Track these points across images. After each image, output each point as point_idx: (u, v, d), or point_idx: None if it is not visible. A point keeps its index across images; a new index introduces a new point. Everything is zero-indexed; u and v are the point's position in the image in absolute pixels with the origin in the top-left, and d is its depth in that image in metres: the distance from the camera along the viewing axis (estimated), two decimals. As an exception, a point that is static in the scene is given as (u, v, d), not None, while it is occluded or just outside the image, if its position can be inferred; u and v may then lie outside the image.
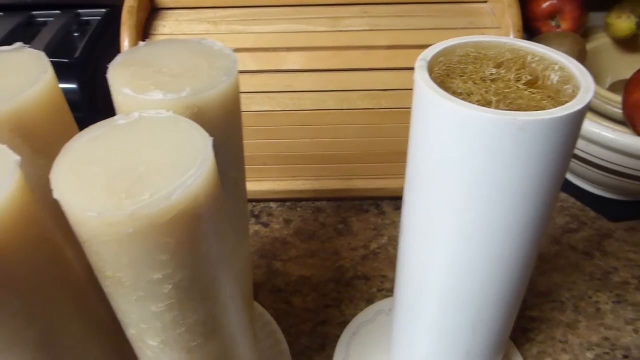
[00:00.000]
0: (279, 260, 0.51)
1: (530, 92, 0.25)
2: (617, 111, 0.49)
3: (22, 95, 0.26)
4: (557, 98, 0.24)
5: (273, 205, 0.57)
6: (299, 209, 0.56)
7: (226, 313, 0.27)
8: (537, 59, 0.26)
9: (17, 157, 0.22)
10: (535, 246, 0.28)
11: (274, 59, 0.47)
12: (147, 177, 0.22)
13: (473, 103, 0.23)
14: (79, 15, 0.59)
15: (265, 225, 0.54)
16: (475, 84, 0.25)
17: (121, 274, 0.23)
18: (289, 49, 0.48)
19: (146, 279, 0.23)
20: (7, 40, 0.55)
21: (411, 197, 0.29)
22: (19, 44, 0.30)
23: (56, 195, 0.21)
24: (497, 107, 0.23)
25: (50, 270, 0.25)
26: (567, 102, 0.23)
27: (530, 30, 0.59)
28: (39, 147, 0.28)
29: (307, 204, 0.57)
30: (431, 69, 0.26)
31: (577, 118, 0.23)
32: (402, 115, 0.50)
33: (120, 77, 0.27)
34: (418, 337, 0.34)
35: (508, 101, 0.24)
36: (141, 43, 0.30)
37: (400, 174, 0.55)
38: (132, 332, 0.26)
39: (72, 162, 0.23)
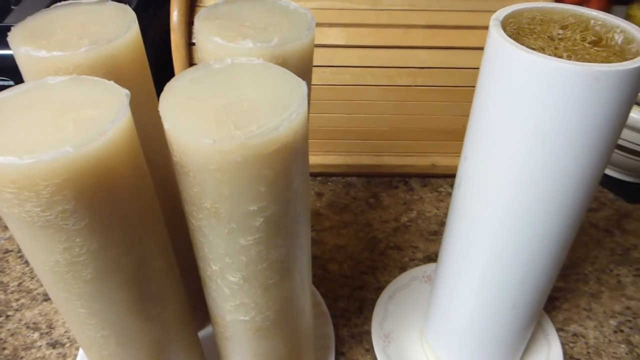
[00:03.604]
0: (313, 229, 0.52)
1: (595, 49, 0.27)
2: (641, 95, 0.51)
3: (117, 40, 0.27)
4: (622, 55, 0.26)
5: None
6: (329, 184, 0.58)
7: (302, 254, 0.29)
8: (599, 22, 0.28)
9: (127, 91, 0.24)
10: (590, 197, 0.30)
11: (317, 33, 0.49)
12: (251, 112, 0.23)
13: (547, 56, 0.25)
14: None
15: (297, 197, 0.56)
16: (545, 41, 0.27)
17: (219, 205, 0.24)
18: (331, 25, 0.49)
19: (242, 210, 0.24)
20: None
21: (473, 150, 0.30)
22: (102, -3, 0.31)
23: (167, 125, 0.23)
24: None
25: (146, 203, 0.26)
26: (632, 58, 0.25)
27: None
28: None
29: (338, 179, 0.59)
30: (503, 28, 0.27)
31: (645, 71, 0.25)
32: (436, 93, 0.51)
33: (207, 28, 0.29)
34: (463, 292, 0.36)
35: (577, 56, 0.26)
36: (220, 0, 0.32)
37: (428, 151, 0.57)
38: (213, 269, 0.28)
39: (177, 98, 0.24)
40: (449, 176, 0.59)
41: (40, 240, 0.23)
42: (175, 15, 0.47)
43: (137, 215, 0.25)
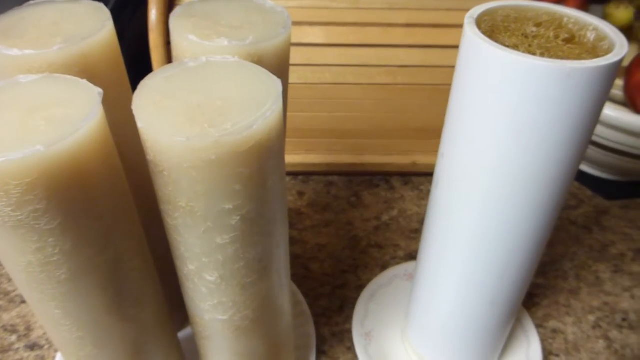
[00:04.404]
0: (294, 229, 0.52)
1: (569, 47, 0.27)
2: (618, 93, 0.52)
3: (91, 38, 0.27)
4: (594, 53, 0.26)
5: (286, 178, 0.58)
6: (311, 183, 0.58)
7: (279, 252, 0.29)
8: (572, 20, 0.29)
9: (100, 90, 0.24)
10: (565, 193, 0.30)
11: (297, 32, 0.49)
12: (226, 110, 0.23)
13: (520, 54, 0.25)
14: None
15: (279, 197, 0.56)
16: (519, 39, 0.27)
17: (194, 204, 0.24)
18: (311, 24, 0.49)
19: (217, 208, 0.24)
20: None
21: (449, 148, 0.31)
22: (76, -5, 0.31)
23: (140, 123, 0.23)
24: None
25: (120, 202, 0.26)
26: (604, 55, 0.25)
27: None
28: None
29: (319, 178, 0.59)
30: (478, 25, 0.28)
31: (616, 68, 0.25)
32: (416, 91, 0.52)
33: (182, 26, 0.28)
34: (443, 290, 0.36)
35: (551, 53, 0.26)
36: (195, -3, 0.32)
37: (409, 150, 0.57)
38: (190, 268, 0.28)
39: (151, 96, 0.24)
40: (430, 174, 0.59)
41: (11, 241, 0.23)
42: (154, 14, 0.47)
43: (111, 214, 0.25)
